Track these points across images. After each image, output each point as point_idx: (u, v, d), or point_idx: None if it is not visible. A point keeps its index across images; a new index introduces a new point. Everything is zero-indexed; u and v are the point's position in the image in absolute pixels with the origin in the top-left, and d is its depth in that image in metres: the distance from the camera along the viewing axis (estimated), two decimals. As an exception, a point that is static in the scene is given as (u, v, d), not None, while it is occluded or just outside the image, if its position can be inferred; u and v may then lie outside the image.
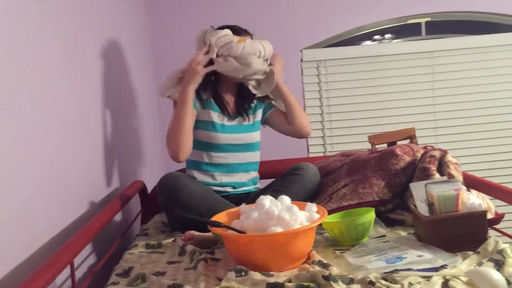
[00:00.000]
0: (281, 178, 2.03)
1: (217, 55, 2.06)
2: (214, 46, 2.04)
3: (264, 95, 2.18)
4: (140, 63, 2.86)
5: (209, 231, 1.67)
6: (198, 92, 2.08)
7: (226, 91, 2.17)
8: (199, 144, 2.10)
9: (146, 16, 3.16)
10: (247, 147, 2.16)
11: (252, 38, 2.16)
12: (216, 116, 2.10)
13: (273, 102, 2.26)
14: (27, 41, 1.41)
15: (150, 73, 3.12)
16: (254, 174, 2.21)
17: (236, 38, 2.06)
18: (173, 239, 1.80)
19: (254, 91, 2.14)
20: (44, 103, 1.49)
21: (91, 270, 1.71)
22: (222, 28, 2.14)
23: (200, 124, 2.09)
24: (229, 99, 2.18)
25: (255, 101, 2.21)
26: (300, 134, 2.18)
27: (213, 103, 2.12)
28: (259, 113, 2.23)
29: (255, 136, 2.19)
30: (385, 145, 2.17)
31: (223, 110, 2.13)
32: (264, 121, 2.25)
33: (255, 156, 2.20)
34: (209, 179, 2.10)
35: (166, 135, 2.04)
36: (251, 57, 2.04)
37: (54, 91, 1.57)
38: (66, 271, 1.45)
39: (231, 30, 2.12)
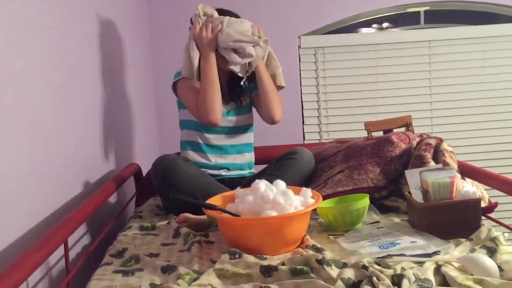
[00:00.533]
0: (276, 162, 2.03)
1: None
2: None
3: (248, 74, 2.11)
4: (136, 43, 2.84)
5: (203, 214, 1.68)
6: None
7: (219, 74, 2.14)
8: (192, 125, 2.11)
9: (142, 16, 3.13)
10: (240, 129, 2.16)
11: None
12: None
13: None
14: (21, 23, 1.39)
15: (147, 54, 3.10)
16: (249, 156, 2.21)
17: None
18: (167, 221, 1.81)
19: (235, 70, 2.07)
20: (38, 82, 1.47)
21: (85, 250, 1.71)
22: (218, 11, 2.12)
23: None
24: (223, 83, 2.16)
25: (246, 83, 2.19)
26: (269, 119, 2.12)
27: None
28: (248, 97, 2.23)
29: (247, 118, 2.19)
30: (381, 132, 2.17)
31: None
32: (250, 102, 2.24)
33: (248, 138, 2.20)
34: (203, 160, 2.10)
35: (194, 108, 2.02)
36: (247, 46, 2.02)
37: (48, 71, 1.56)
38: (60, 251, 1.45)
39: (218, 12, 2.09)
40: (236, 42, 1.99)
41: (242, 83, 2.12)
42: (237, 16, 2.12)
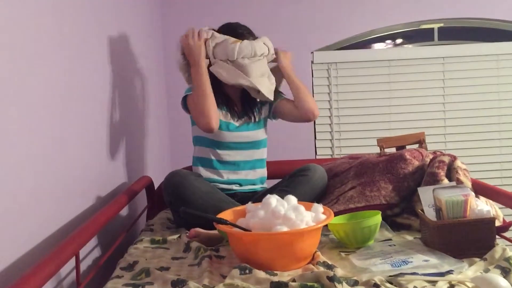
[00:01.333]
0: (288, 179, 2.02)
1: (214, 57, 2.06)
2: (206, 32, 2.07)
3: (265, 100, 2.14)
4: (150, 57, 2.87)
5: (214, 228, 1.67)
6: None
7: (231, 89, 2.15)
8: (205, 141, 2.11)
9: (157, 8, 3.17)
10: (253, 144, 2.16)
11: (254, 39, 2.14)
12: (222, 115, 2.10)
13: (280, 93, 2.24)
14: (32, 36, 1.41)
15: (160, 68, 3.12)
16: (261, 172, 2.20)
17: (232, 39, 2.05)
18: (178, 235, 1.80)
19: (254, 96, 2.13)
20: (51, 96, 1.49)
21: (96, 263, 1.71)
22: (224, 26, 2.15)
23: None
24: (235, 97, 2.17)
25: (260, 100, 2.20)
26: (307, 117, 2.15)
27: (219, 102, 2.11)
28: (265, 109, 2.22)
29: (261, 134, 2.19)
30: (394, 149, 2.16)
31: (230, 109, 2.13)
32: (273, 114, 2.24)
33: (261, 153, 2.20)
34: (215, 177, 2.10)
35: (191, 112, 2.07)
36: (253, 69, 2.04)
37: (61, 84, 1.58)
38: (71, 263, 1.45)
39: (233, 29, 2.11)
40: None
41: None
42: (252, 34, 2.14)
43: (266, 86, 2.06)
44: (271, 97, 2.09)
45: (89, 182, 1.77)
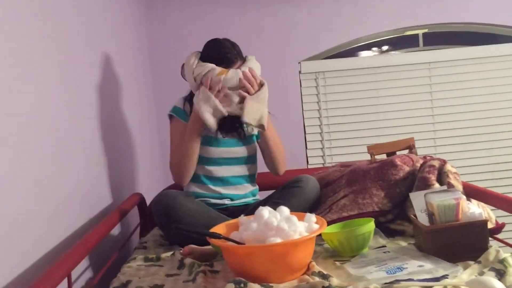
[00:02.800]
0: (281, 191, 2.01)
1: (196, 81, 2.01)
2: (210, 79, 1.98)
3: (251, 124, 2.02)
4: (139, 73, 2.87)
5: (207, 244, 1.66)
6: (192, 105, 2.05)
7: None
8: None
9: (144, 24, 3.17)
10: (242, 160, 2.13)
11: (244, 61, 2.06)
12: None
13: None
14: (23, 49, 1.41)
15: (149, 84, 3.12)
16: (252, 187, 2.19)
17: (218, 70, 1.98)
18: (172, 252, 1.79)
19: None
20: (40, 113, 1.48)
21: (89, 284, 1.69)
22: (210, 48, 2.07)
23: None
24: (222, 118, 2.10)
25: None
26: (272, 172, 2.19)
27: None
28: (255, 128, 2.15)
29: (250, 150, 2.15)
30: (384, 155, 2.17)
31: (218, 124, 2.07)
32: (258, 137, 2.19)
33: (251, 169, 2.17)
34: (206, 192, 2.08)
35: (170, 161, 2.06)
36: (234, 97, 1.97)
37: (50, 102, 1.57)
38: (63, 285, 1.43)
39: (220, 55, 2.02)
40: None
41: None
42: (240, 55, 2.06)
43: (251, 113, 1.97)
44: (255, 123, 1.99)
45: (79, 201, 1.76)
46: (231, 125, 2.10)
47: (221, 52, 2.03)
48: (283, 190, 2.00)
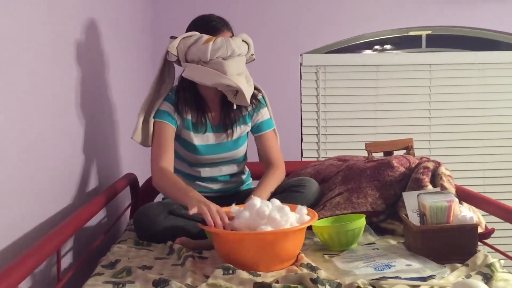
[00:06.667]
0: (281, 194, 1.87)
1: (186, 60, 1.84)
2: (183, 48, 1.83)
3: (242, 104, 1.89)
4: (137, 59, 2.85)
5: (200, 238, 1.66)
6: (179, 108, 1.90)
7: (209, 97, 1.95)
8: (181, 158, 1.99)
9: (146, 15, 3.15)
10: (232, 161, 2.04)
11: (232, 34, 1.91)
12: (197, 138, 1.94)
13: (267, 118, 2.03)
14: (12, 35, 1.39)
15: (148, 67, 3.10)
16: (241, 182, 2.11)
17: (205, 37, 1.82)
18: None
19: (230, 99, 1.88)
20: (31, 91, 1.46)
21: (77, 260, 1.69)
22: (195, 20, 1.94)
23: (181, 141, 1.95)
24: (214, 109, 1.97)
25: (248, 109, 1.98)
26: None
27: (195, 112, 1.93)
28: (248, 126, 2.02)
29: (239, 152, 2.02)
30: (381, 154, 2.16)
31: (206, 119, 1.95)
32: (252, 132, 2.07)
33: (240, 166, 2.08)
34: (196, 188, 1.91)
35: (152, 166, 1.86)
36: (229, 67, 1.78)
37: (39, 79, 1.55)
38: (52, 260, 1.43)
39: (205, 23, 1.89)
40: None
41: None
42: (228, 26, 1.92)
43: (244, 86, 1.81)
44: (248, 101, 1.85)
45: (71, 179, 1.75)
46: (223, 122, 1.97)
47: (206, 20, 1.91)
48: (284, 193, 1.88)
